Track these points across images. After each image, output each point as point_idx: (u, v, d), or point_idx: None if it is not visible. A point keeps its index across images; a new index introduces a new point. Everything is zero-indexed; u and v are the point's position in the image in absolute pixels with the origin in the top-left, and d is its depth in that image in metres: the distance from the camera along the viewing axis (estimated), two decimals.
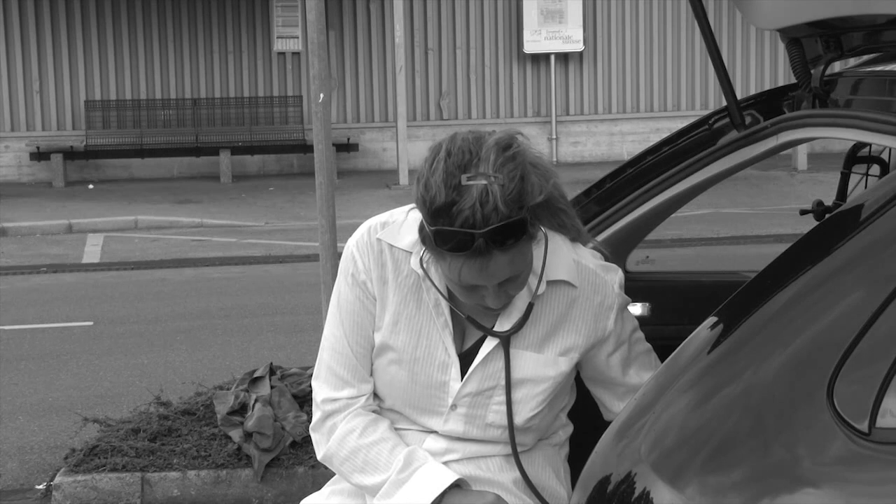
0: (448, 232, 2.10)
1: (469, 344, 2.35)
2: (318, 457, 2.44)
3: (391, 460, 2.32)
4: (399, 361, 2.34)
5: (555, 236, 2.34)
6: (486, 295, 2.19)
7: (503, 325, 2.32)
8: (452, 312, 2.33)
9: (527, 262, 2.20)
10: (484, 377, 2.32)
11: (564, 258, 2.34)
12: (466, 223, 2.08)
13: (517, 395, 2.31)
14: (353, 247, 2.38)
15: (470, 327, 2.34)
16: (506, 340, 2.30)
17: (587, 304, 2.33)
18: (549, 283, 2.32)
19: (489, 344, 2.32)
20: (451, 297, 2.32)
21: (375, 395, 2.42)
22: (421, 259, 2.30)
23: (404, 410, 2.38)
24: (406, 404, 2.37)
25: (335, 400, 2.39)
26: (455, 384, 2.32)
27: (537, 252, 2.28)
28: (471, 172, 2.10)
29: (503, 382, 2.31)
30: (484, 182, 2.09)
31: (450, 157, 2.12)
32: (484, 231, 2.08)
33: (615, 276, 2.37)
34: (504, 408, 2.31)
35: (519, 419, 2.32)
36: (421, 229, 2.20)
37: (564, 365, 2.33)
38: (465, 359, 2.34)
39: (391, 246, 2.35)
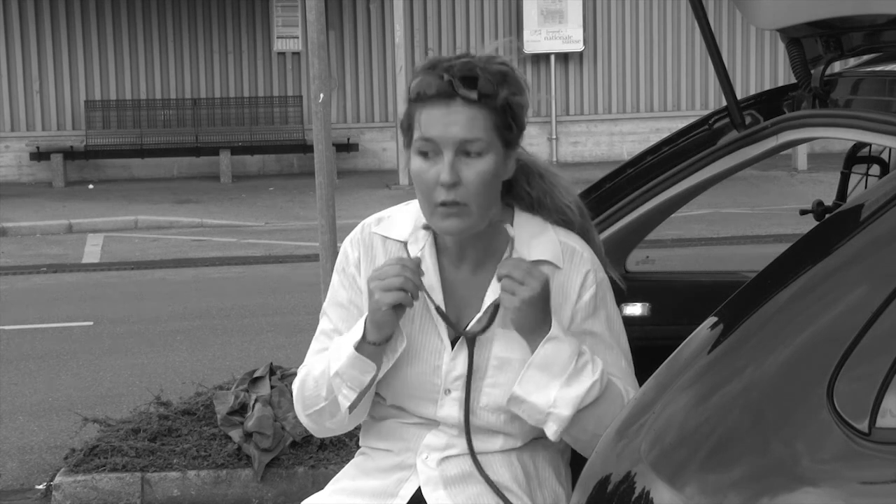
0: (424, 77, 2.23)
1: (462, 329, 2.37)
2: (301, 419, 2.49)
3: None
4: (394, 350, 2.36)
5: (535, 218, 2.37)
6: (441, 170, 2.22)
7: (478, 325, 2.34)
8: (445, 298, 2.35)
9: (486, 139, 2.23)
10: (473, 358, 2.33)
11: (548, 239, 2.36)
12: (443, 68, 2.22)
13: (506, 377, 2.32)
14: (347, 242, 2.45)
15: (463, 312, 2.36)
16: (471, 342, 2.32)
17: (570, 284, 2.34)
18: (532, 263, 2.33)
19: (477, 326, 2.33)
20: (444, 289, 2.35)
21: (377, 393, 2.43)
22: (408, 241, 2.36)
23: (403, 403, 2.39)
24: (404, 395, 2.38)
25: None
26: (447, 368, 2.34)
27: (513, 230, 2.33)
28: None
29: (494, 363, 2.32)
30: (469, 59, 2.24)
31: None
32: (457, 74, 2.21)
33: (596, 267, 2.39)
34: (496, 391, 2.32)
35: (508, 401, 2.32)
36: (402, 122, 2.29)
37: None
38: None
39: (385, 238, 2.41)
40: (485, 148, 2.23)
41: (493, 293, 2.33)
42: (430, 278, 2.35)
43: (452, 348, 2.35)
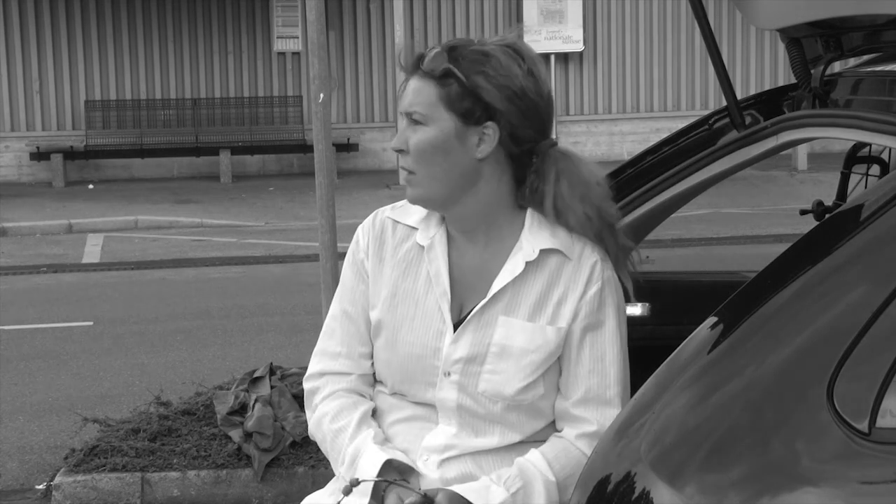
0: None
1: (466, 314, 2.37)
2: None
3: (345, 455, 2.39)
4: (397, 333, 2.38)
5: (544, 220, 2.38)
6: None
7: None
8: (452, 285, 2.37)
9: (425, 111, 2.30)
10: (473, 343, 2.34)
11: (560, 231, 2.36)
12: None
13: (506, 364, 2.32)
14: (359, 229, 2.51)
15: (468, 298, 2.36)
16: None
17: (577, 276, 2.34)
18: (543, 251, 2.33)
19: (480, 311, 2.34)
20: (451, 274, 2.37)
21: (378, 380, 2.46)
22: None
23: (402, 388, 2.40)
24: (404, 380, 2.39)
25: (322, 374, 2.48)
26: (448, 350, 2.34)
27: (527, 224, 2.35)
28: None
29: (494, 350, 2.32)
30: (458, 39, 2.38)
31: None
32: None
33: (606, 263, 2.37)
34: (496, 377, 2.32)
35: (509, 389, 2.32)
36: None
37: (552, 334, 2.33)
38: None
39: (396, 223, 2.46)
40: (424, 118, 2.31)
41: (500, 281, 2.34)
42: (438, 263, 2.38)
43: (455, 331, 2.35)
